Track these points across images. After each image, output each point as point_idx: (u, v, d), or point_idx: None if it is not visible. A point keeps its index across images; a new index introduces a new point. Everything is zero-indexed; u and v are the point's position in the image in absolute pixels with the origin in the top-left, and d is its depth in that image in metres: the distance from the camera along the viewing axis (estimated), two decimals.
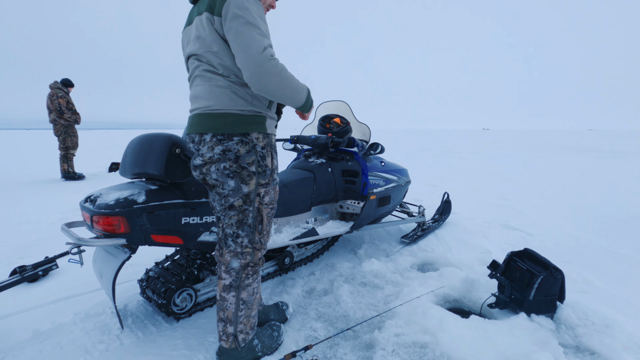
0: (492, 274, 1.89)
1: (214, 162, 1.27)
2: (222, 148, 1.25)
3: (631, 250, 2.76)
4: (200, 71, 1.27)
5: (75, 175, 6.12)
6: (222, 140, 1.25)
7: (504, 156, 11.31)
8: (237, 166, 1.27)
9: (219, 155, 1.26)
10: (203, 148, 1.28)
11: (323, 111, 2.83)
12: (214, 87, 1.24)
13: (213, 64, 1.24)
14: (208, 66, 1.25)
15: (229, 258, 1.35)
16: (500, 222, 3.52)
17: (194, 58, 1.29)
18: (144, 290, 1.86)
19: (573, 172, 7.34)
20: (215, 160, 1.27)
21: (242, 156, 1.27)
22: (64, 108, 5.85)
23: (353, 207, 2.56)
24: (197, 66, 1.28)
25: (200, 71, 1.27)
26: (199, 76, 1.28)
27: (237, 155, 1.26)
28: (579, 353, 1.50)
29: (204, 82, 1.26)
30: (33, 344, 1.57)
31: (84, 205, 1.50)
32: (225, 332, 1.38)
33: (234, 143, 1.26)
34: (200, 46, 1.24)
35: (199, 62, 1.27)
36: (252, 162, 1.29)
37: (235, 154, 1.26)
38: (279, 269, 2.28)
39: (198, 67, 1.28)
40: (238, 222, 1.33)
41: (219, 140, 1.25)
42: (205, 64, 1.25)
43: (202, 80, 1.27)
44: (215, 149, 1.26)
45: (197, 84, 1.29)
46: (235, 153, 1.26)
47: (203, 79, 1.27)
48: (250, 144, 1.28)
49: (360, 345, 1.57)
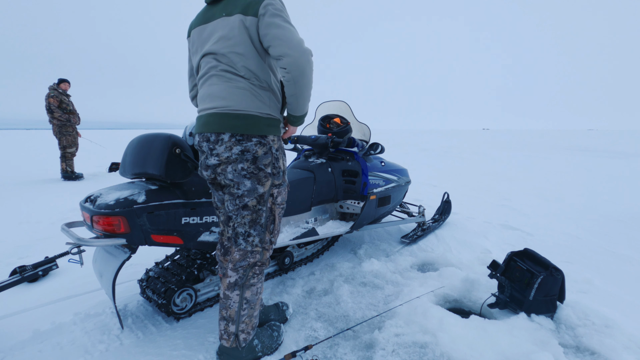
0: (492, 274, 1.89)
1: (230, 162, 1.27)
2: (241, 148, 1.26)
3: (631, 250, 2.76)
4: (217, 71, 1.27)
5: (73, 175, 6.12)
6: (241, 140, 1.25)
7: (504, 156, 11.32)
8: (255, 167, 1.28)
9: (237, 156, 1.26)
10: (220, 147, 1.27)
11: (323, 111, 2.83)
12: (233, 88, 1.25)
13: (235, 65, 1.24)
14: (228, 67, 1.25)
15: (237, 256, 1.35)
16: (500, 222, 3.52)
17: (211, 57, 1.28)
18: (144, 290, 1.86)
19: (573, 172, 7.34)
20: (233, 161, 1.27)
21: (260, 157, 1.28)
22: (53, 107, 5.85)
23: (353, 207, 2.56)
24: (214, 65, 1.27)
25: (218, 71, 1.27)
26: (215, 75, 1.28)
27: (255, 157, 1.27)
28: (579, 353, 1.50)
29: (223, 82, 1.26)
30: (33, 344, 1.57)
31: (84, 205, 1.50)
32: (226, 331, 1.38)
33: (253, 144, 1.26)
34: (223, 46, 1.24)
35: (217, 62, 1.27)
36: (268, 163, 1.30)
37: (253, 154, 1.27)
38: (279, 269, 2.28)
39: (215, 66, 1.27)
40: (251, 221, 1.33)
41: (238, 141, 1.25)
42: (224, 64, 1.25)
43: (219, 80, 1.27)
44: (233, 149, 1.26)
45: (213, 83, 1.28)
46: (254, 154, 1.27)
47: (221, 79, 1.26)
48: (267, 145, 1.30)
49: (360, 345, 1.57)
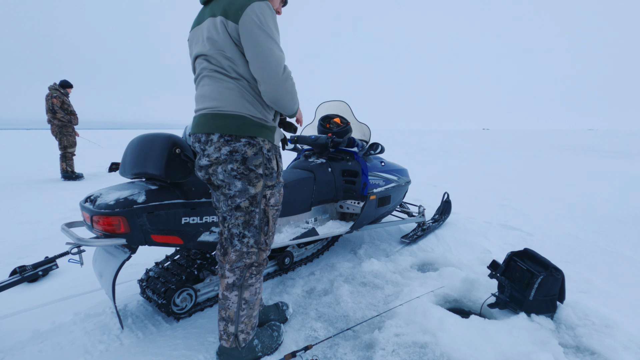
0: (492, 274, 1.89)
1: (220, 163, 1.28)
2: (229, 149, 1.26)
3: (631, 250, 2.76)
4: (208, 72, 1.27)
5: (73, 175, 6.12)
6: (230, 141, 1.26)
7: (504, 156, 11.31)
8: (245, 168, 1.28)
9: (225, 156, 1.26)
10: (210, 148, 1.28)
11: (323, 111, 2.82)
12: (223, 89, 1.25)
13: (224, 66, 1.24)
14: (218, 67, 1.25)
15: (234, 257, 1.35)
16: (500, 222, 3.52)
17: (202, 58, 1.29)
18: (144, 290, 1.86)
19: (573, 172, 7.34)
20: (222, 161, 1.27)
21: (250, 158, 1.28)
22: (56, 108, 5.88)
23: (353, 207, 2.56)
24: (205, 67, 1.28)
25: (209, 72, 1.27)
26: (207, 76, 1.28)
27: (244, 157, 1.27)
28: (579, 353, 1.50)
29: (213, 83, 1.27)
30: (33, 344, 1.57)
31: (84, 205, 1.50)
32: (226, 332, 1.38)
33: (242, 145, 1.26)
34: (211, 47, 1.24)
35: (208, 63, 1.27)
36: (259, 164, 1.30)
37: (242, 155, 1.27)
38: (279, 269, 2.28)
39: (207, 67, 1.28)
40: (244, 222, 1.33)
41: (226, 141, 1.25)
42: (214, 65, 1.26)
43: (210, 81, 1.27)
44: (222, 149, 1.26)
45: (205, 84, 1.29)
46: (243, 155, 1.27)
47: (212, 80, 1.27)
48: (257, 146, 1.29)
49: (360, 345, 1.57)
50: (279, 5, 1.44)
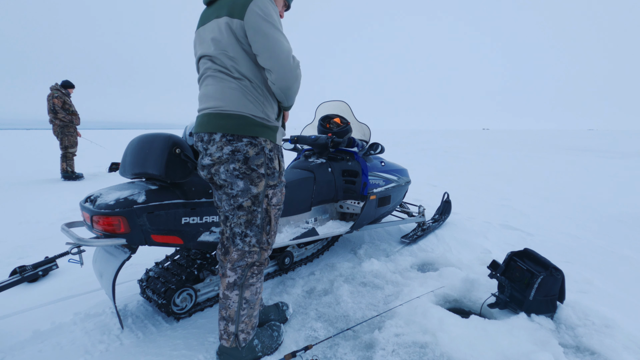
0: (492, 274, 1.89)
1: (222, 163, 1.28)
2: (231, 148, 1.26)
3: (631, 250, 2.76)
4: (212, 72, 1.29)
5: (73, 175, 6.12)
6: (232, 140, 1.26)
7: (504, 156, 11.31)
8: (247, 167, 1.28)
9: (227, 156, 1.27)
10: (212, 148, 1.29)
11: (323, 111, 2.82)
12: (226, 89, 1.26)
13: (227, 66, 1.25)
14: (221, 67, 1.26)
15: (236, 256, 1.36)
16: (500, 222, 3.52)
17: (206, 58, 1.31)
18: (144, 290, 1.85)
19: (573, 172, 7.34)
20: (224, 161, 1.28)
21: (252, 158, 1.28)
22: (58, 108, 5.89)
23: (353, 207, 2.56)
24: (209, 66, 1.30)
25: (213, 72, 1.29)
26: (210, 76, 1.30)
27: (246, 157, 1.28)
28: (579, 353, 1.50)
29: (216, 83, 1.28)
30: (33, 344, 1.57)
31: (84, 205, 1.50)
32: (226, 331, 1.38)
33: (243, 144, 1.27)
34: (215, 48, 1.26)
35: (211, 63, 1.29)
36: (261, 164, 1.31)
37: (244, 155, 1.27)
38: (279, 269, 2.28)
39: (210, 67, 1.29)
40: (247, 222, 1.34)
41: (229, 141, 1.26)
42: (218, 65, 1.27)
43: (214, 81, 1.28)
44: (224, 149, 1.27)
45: (209, 83, 1.30)
46: (245, 154, 1.27)
47: (215, 80, 1.28)
48: (259, 146, 1.30)
49: (360, 345, 1.57)
50: (281, 9, 1.45)
